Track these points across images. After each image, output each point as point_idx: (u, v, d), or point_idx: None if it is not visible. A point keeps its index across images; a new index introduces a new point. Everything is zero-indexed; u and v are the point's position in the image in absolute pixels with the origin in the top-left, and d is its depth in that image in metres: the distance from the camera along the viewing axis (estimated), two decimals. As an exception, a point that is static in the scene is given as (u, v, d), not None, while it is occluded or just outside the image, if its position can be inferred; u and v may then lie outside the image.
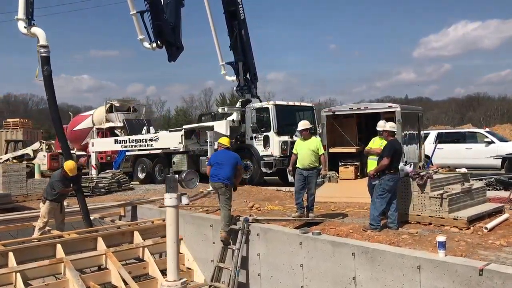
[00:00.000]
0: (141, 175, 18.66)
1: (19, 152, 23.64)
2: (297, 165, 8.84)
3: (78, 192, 9.76)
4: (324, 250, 6.76)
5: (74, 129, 25.10)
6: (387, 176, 7.96)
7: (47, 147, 23.90)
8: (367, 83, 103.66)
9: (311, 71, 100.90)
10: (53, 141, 25.79)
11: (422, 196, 8.31)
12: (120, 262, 8.41)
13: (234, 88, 16.85)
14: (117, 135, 21.56)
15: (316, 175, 8.89)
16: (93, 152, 20.22)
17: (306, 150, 8.81)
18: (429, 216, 8.20)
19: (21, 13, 9.28)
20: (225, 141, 9.39)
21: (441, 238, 5.93)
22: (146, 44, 13.10)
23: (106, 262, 8.15)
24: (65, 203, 11.11)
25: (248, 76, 16.62)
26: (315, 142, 8.91)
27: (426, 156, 16.80)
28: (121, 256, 8.46)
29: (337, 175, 13.40)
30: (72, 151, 23.59)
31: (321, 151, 8.87)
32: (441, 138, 17.80)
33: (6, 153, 23.80)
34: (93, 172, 19.03)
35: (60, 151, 25.58)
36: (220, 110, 16.82)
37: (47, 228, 8.94)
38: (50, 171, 23.46)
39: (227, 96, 53.59)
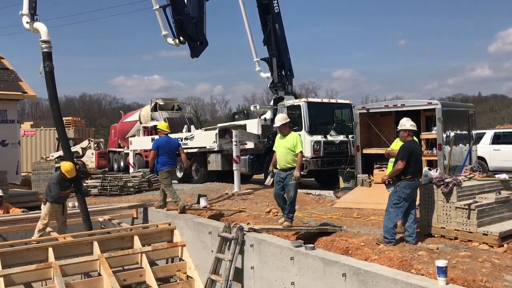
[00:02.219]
0: (179, 174, 18.42)
1: (69, 150, 24.28)
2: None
3: (78, 193, 9.44)
4: (316, 268, 5.91)
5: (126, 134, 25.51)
6: (403, 182, 6.96)
7: (95, 145, 24.42)
8: (438, 80, 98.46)
9: (379, 68, 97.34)
10: (101, 139, 26.45)
11: (447, 206, 7.21)
12: (116, 268, 8.00)
13: (268, 85, 16.12)
14: (161, 133, 21.55)
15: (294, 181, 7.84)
16: (131, 150, 20.26)
17: (282, 148, 7.90)
18: (455, 230, 7.09)
19: (25, 9, 9.15)
20: (164, 126, 10.04)
21: (441, 262, 4.92)
22: (170, 40, 12.71)
23: (100, 268, 7.75)
24: (76, 203, 11.00)
25: (283, 72, 15.83)
26: (292, 138, 7.87)
27: (480, 158, 15.24)
28: (116, 262, 8.05)
29: (371, 178, 12.38)
30: (121, 149, 24.11)
31: (298, 148, 7.77)
32: (499, 139, 16.05)
33: (57, 151, 24.56)
34: (131, 170, 19.05)
35: (111, 149, 26.29)
36: (252, 108, 16.19)
37: (48, 229, 8.72)
38: (99, 169, 24.05)
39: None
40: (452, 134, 11.74)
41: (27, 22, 9.21)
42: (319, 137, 13.98)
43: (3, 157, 15.58)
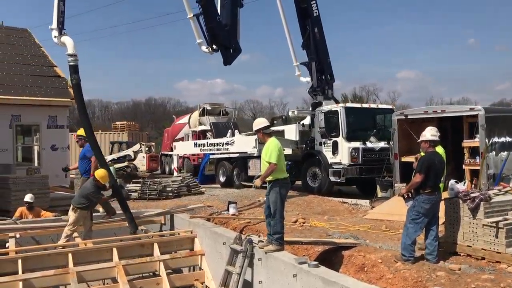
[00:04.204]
0: (222, 179, 18.59)
1: (121, 153, 25.20)
2: None
3: (118, 197, 9.70)
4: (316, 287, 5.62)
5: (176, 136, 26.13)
6: (422, 196, 6.52)
7: (147, 148, 25.13)
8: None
9: (446, 69, 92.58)
10: (152, 143, 27.16)
11: (474, 223, 6.66)
12: (133, 276, 8.08)
13: (307, 90, 15.81)
14: (208, 138, 21.87)
15: (274, 192, 6.92)
16: (175, 154, 20.62)
17: (261, 158, 7.14)
18: (482, 249, 6.54)
19: (54, 23, 9.50)
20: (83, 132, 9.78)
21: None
22: (204, 48, 12.79)
23: (117, 275, 7.86)
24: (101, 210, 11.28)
25: (322, 77, 15.47)
26: (266, 147, 6.98)
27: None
28: (134, 270, 8.12)
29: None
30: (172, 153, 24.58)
31: (270, 158, 6.76)
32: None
33: (110, 154, 25.51)
34: (175, 174, 19.38)
35: (164, 152, 26.99)
36: (290, 113, 15.95)
37: (74, 235, 8.97)
38: (149, 172, 24.73)
39: (349, 97, 51.26)
40: (498, 141, 10.92)
41: (55, 36, 9.57)
42: (357, 144, 13.53)
43: (53, 161, 16.32)
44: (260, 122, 7.37)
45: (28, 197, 10.38)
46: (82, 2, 79.84)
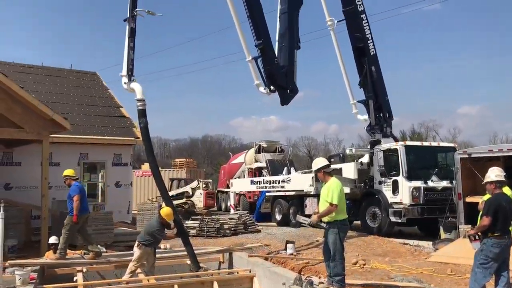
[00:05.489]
0: (278, 217, 18.52)
1: (180, 190, 25.74)
2: None
3: (181, 235, 9.92)
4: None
5: (232, 174, 26.60)
6: (491, 240, 6.25)
7: (204, 185, 25.55)
8: None
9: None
10: (210, 180, 27.61)
11: (549, 270, 6.28)
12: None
13: (365, 128, 15.71)
14: (264, 175, 22.02)
15: (333, 233, 6.93)
16: (232, 191, 20.82)
17: (320, 197, 7.16)
18: (559, 299, 6.13)
19: (124, 71, 10.12)
20: (71, 172, 10.19)
21: None
22: (262, 89, 13.10)
23: (178, 312, 7.97)
24: (168, 245, 11.52)
25: (381, 114, 15.34)
26: (327, 187, 6.98)
27: None
28: (194, 307, 8.22)
29: (476, 230, 11.24)
30: (228, 189, 24.93)
31: (332, 199, 6.81)
32: None
33: (170, 190, 26.13)
34: (231, 211, 19.54)
35: (220, 189, 27.39)
36: (348, 151, 15.82)
37: (137, 271, 9.22)
38: (206, 209, 25.07)
39: (407, 134, 49.94)
40: None
41: (125, 83, 10.17)
42: (418, 183, 13.17)
43: (117, 197, 17.03)
44: (320, 162, 7.43)
45: (52, 239, 10.46)
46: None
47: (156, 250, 9.75)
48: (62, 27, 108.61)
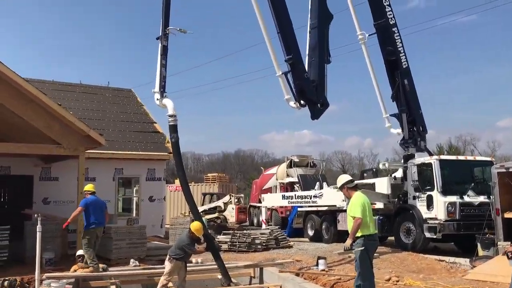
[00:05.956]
0: (310, 232, 18.35)
1: (212, 204, 25.95)
2: None
3: (211, 249, 9.99)
4: None
5: (263, 187, 26.73)
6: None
7: (236, 200, 25.67)
8: None
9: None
10: (241, 195, 27.68)
11: None
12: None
13: (398, 142, 15.44)
14: (296, 190, 21.93)
15: (359, 248, 6.92)
16: (264, 206, 20.79)
17: (347, 214, 7.15)
18: None
19: (156, 87, 10.36)
20: (89, 187, 10.69)
21: None
22: (292, 103, 13.11)
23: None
24: (199, 259, 11.58)
25: (414, 128, 15.08)
26: (351, 201, 6.99)
27: None
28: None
29: (515, 246, 10.84)
30: (260, 204, 24.95)
31: (354, 212, 6.82)
32: None
33: (202, 205, 26.38)
34: (263, 226, 19.50)
35: (252, 203, 27.43)
36: (381, 165, 15.57)
37: (169, 285, 9.30)
38: (238, 223, 25.14)
39: (444, 148, 48.74)
40: None
41: (157, 99, 10.40)
42: (454, 198, 12.82)
43: (151, 212, 17.31)
44: (343, 178, 7.48)
45: (80, 251, 10.66)
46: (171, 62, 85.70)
47: (188, 264, 9.82)
48: (100, 46, 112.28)
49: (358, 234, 6.93)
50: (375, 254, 12.37)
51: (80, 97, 19.62)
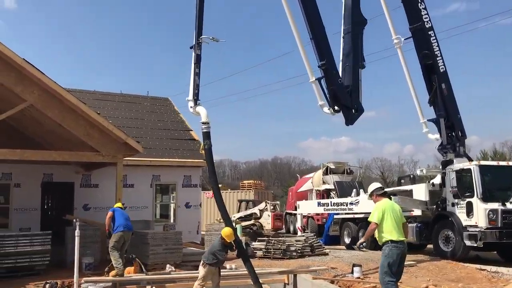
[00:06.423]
0: (347, 240, 18.12)
1: (248, 211, 26.00)
2: None
3: (242, 256, 10.02)
4: None
5: (298, 190, 26.67)
6: None
7: (272, 207, 25.65)
8: None
9: None
10: (277, 202, 27.65)
11: None
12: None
13: (436, 147, 15.07)
14: (332, 197, 21.75)
15: (383, 254, 7.06)
16: (299, 213, 20.69)
17: None
18: None
19: (190, 95, 10.54)
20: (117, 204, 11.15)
21: None
22: (326, 109, 13.05)
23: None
24: (233, 265, 11.64)
25: (453, 133, 14.70)
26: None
27: None
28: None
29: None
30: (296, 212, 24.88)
31: (371, 218, 7.19)
32: None
33: (238, 211, 26.50)
34: (299, 233, 19.38)
35: (288, 211, 27.38)
36: (419, 172, 15.21)
37: (203, 289, 9.40)
38: (274, 230, 25.10)
39: (489, 154, 47.15)
40: None
41: (191, 107, 10.57)
42: (495, 205, 12.36)
43: (187, 218, 17.59)
44: (372, 186, 7.72)
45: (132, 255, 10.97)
46: (209, 71, 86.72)
47: (221, 270, 9.89)
48: (139, 56, 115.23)
49: (384, 239, 7.03)
50: (412, 262, 12.22)
51: (119, 106, 20.19)
